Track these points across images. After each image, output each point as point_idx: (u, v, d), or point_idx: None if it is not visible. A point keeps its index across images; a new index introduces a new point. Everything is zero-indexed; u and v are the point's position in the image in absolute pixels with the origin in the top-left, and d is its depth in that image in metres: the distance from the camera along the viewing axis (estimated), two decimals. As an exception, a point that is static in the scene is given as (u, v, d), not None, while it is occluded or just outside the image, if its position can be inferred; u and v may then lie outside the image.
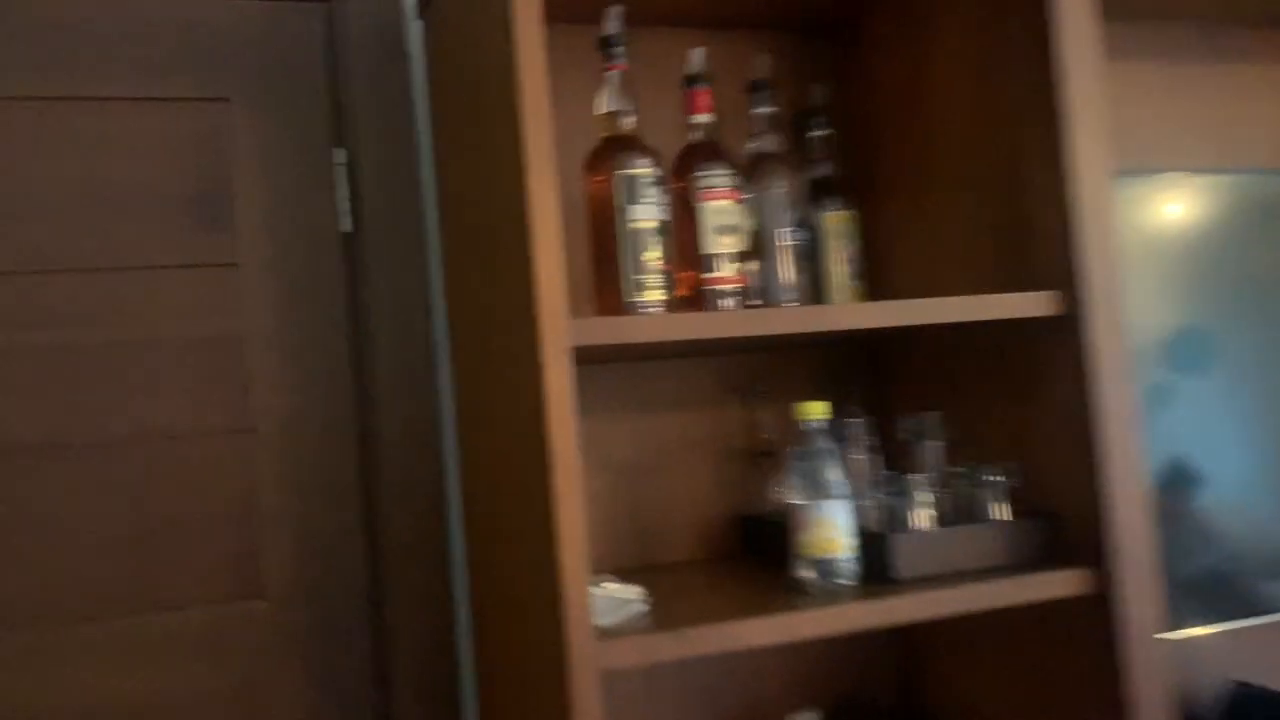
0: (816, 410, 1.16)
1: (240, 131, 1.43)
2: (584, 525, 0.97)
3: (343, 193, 1.45)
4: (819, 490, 1.14)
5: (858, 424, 1.31)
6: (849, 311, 1.13)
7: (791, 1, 1.47)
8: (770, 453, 1.47)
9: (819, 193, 1.48)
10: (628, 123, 1.22)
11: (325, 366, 1.44)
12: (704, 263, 1.28)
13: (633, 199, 1.18)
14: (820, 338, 1.31)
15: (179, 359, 1.39)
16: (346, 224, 1.45)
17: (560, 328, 0.97)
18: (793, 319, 1.11)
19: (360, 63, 1.45)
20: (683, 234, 1.30)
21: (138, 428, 1.37)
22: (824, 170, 1.50)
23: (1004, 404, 1.28)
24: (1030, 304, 1.17)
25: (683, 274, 1.29)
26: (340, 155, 1.45)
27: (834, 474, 1.14)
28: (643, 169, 1.19)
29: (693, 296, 1.29)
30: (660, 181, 1.21)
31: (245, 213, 1.42)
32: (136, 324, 1.38)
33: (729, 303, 1.28)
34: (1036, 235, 1.20)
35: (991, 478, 1.24)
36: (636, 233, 1.18)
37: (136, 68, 1.40)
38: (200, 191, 1.41)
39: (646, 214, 1.19)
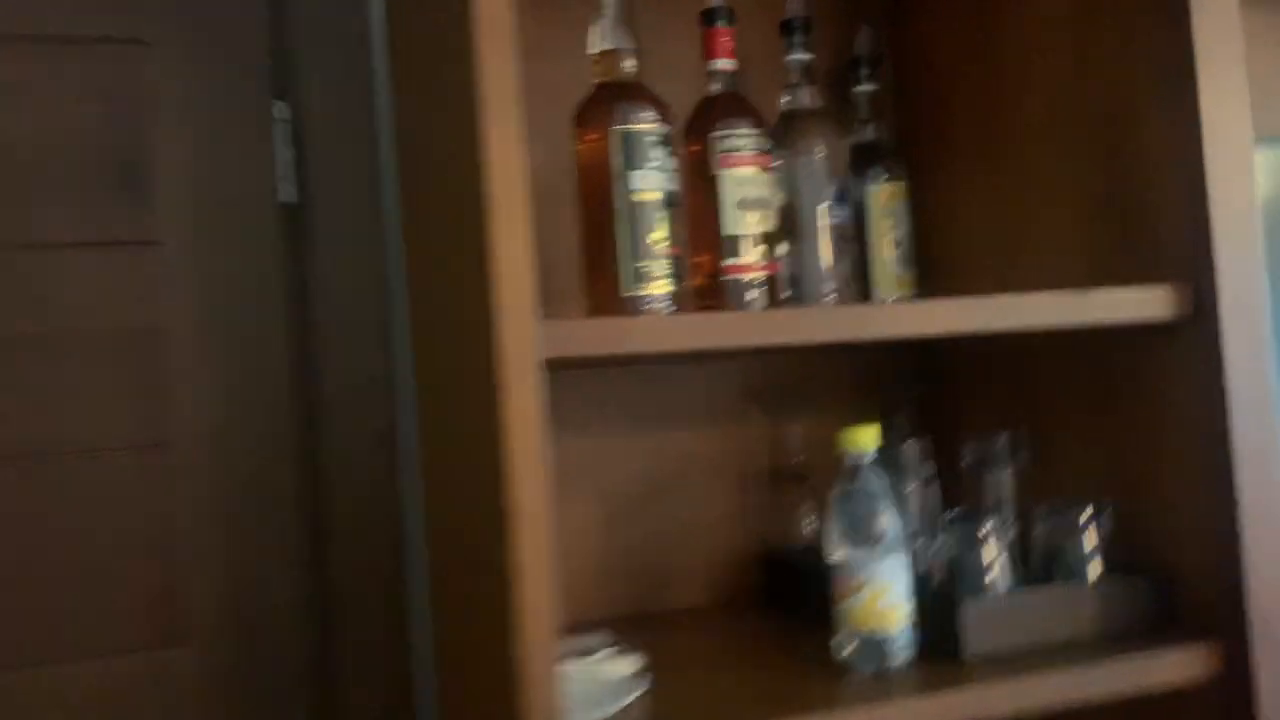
0: (865, 439, 0.90)
1: (161, 81, 1.17)
2: (553, 595, 0.72)
3: (284, 156, 1.19)
4: (868, 543, 0.88)
5: (912, 447, 1.05)
6: (903, 314, 0.87)
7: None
8: (801, 477, 1.21)
9: (865, 160, 1.21)
10: (628, 65, 0.96)
11: (262, 368, 1.19)
12: (724, 246, 1.02)
13: (633, 162, 0.92)
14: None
15: (85, 357, 1.14)
16: (289, 194, 1.19)
17: (525, 334, 0.71)
18: (832, 323, 0.85)
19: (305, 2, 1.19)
20: (698, 209, 1.04)
21: (35, 442, 1.12)
22: (872, 133, 1.24)
23: (1101, 425, 1.02)
24: (1143, 303, 0.90)
25: (698, 259, 1.03)
26: (282, 110, 1.19)
27: (886, 522, 0.88)
28: (647, 124, 0.93)
29: (709, 288, 1.03)
30: (669, 142, 0.95)
31: (167, 180, 1.17)
32: (33, 315, 1.13)
33: (754, 296, 1.02)
34: (1151, 212, 0.94)
35: (1085, 521, 0.97)
36: (638, 207, 0.92)
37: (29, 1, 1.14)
38: (112, 154, 1.16)
39: (651, 182, 0.93)
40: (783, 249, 1.08)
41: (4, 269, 1.12)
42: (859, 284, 1.21)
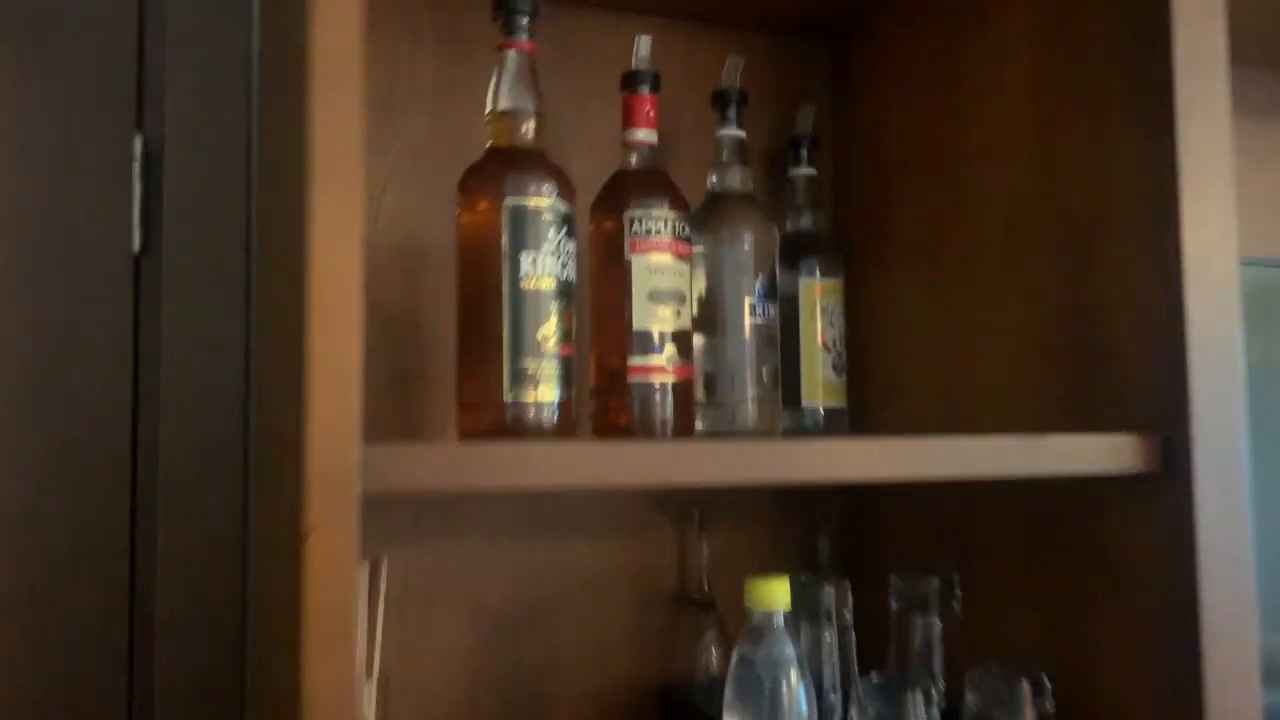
0: (775, 596, 0.76)
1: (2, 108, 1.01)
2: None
3: (136, 197, 1.03)
4: (769, 717, 0.73)
5: (831, 591, 0.91)
6: (821, 457, 0.71)
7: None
8: (709, 604, 1.06)
9: (799, 251, 1.09)
10: (527, 130, 0.82)
11: (95, 447, 1.01)
12: (631, 342, 0.88)
13: (524, 243, 0.78)
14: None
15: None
16: (136, 242, 1.03)
17: (341, 462, 0.55)
18: (746, 461, 0.70)
19: (179, 15, 1.04)
20: (604, 297, 0.90)
21: None
22: (808, 222, 1.11)
23: (1048, 580, 0.89)
24: (1105, 453, 0.77)
25: (601, 353, 0.90)
26: (137, 145, 1.03)
27: (793, 696, 0.74)
28: (545, 199, 0.79)
29: (611, 389, 0.89)
30: (569, 222, 0.81)
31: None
32: None
33: (659, 403, 0.88)
34: (1118, 347, 0.81)
35: (1024, 694, 0.84)
36: (527, 295, 0.78)
37: None
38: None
39: (544, 268, 0.78)
40: (700, 346, 0.95)
41: None
42: (786, 388, 1.07)
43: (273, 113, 0.87)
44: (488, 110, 0.82)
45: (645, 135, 0.92)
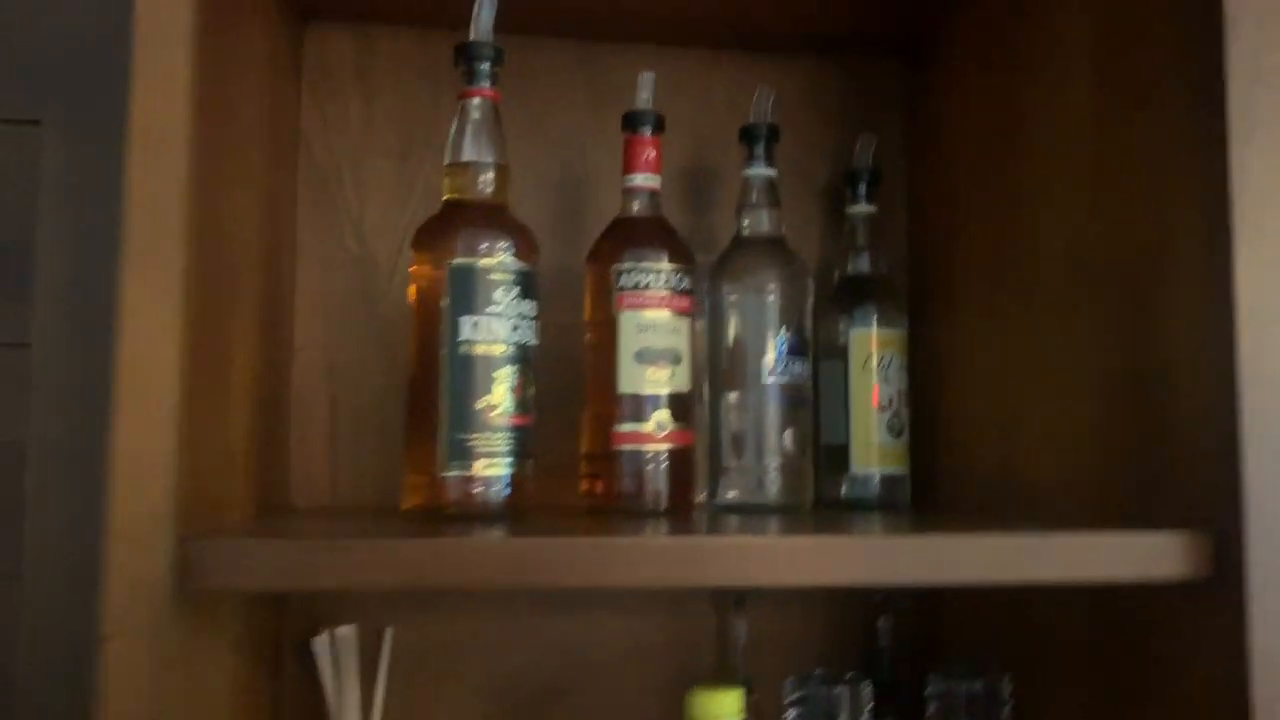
0: (716, 710, 0.65)
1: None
2: None
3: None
4: None
5: (840, 693, 0.80)
6: (826, 558, 0.61)
7: (829, 8, 0.96)
8: (747, 690, 0.96)
9: (854, 297, 0.98)
10: (485, 181, 0.76)
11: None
12: (619, 406, 0.80)
13: (466, 306, 0.72)
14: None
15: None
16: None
17: (147, 561, 0.50)
18: (656, 560, 0.60)
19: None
20: (595, 358, 0.83)
21: None
22: (866, 264, 1.00)
23: (1100, 678, 0.74)
24: (1144, 556, 0.63)
25: (594, 417, 0.82)
26: None
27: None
28: (494, 257, 0.73)
29: (599, 459, 0.82)
30: (527, 281, 0.74)
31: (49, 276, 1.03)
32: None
33: (649, 474, 0.80)
34: (1173, 417, 0.66)
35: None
36: (466, 361, 0.72)
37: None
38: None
39: (488, 332, 0.72)
40: (727, 402, 0.87)
41: None
42: (837, 453, 0.96)
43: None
44: (445, 162, 0.76)
45: (645, 180, 0.85)
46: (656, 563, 0.59)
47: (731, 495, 0.87)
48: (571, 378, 0.84)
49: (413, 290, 0.74)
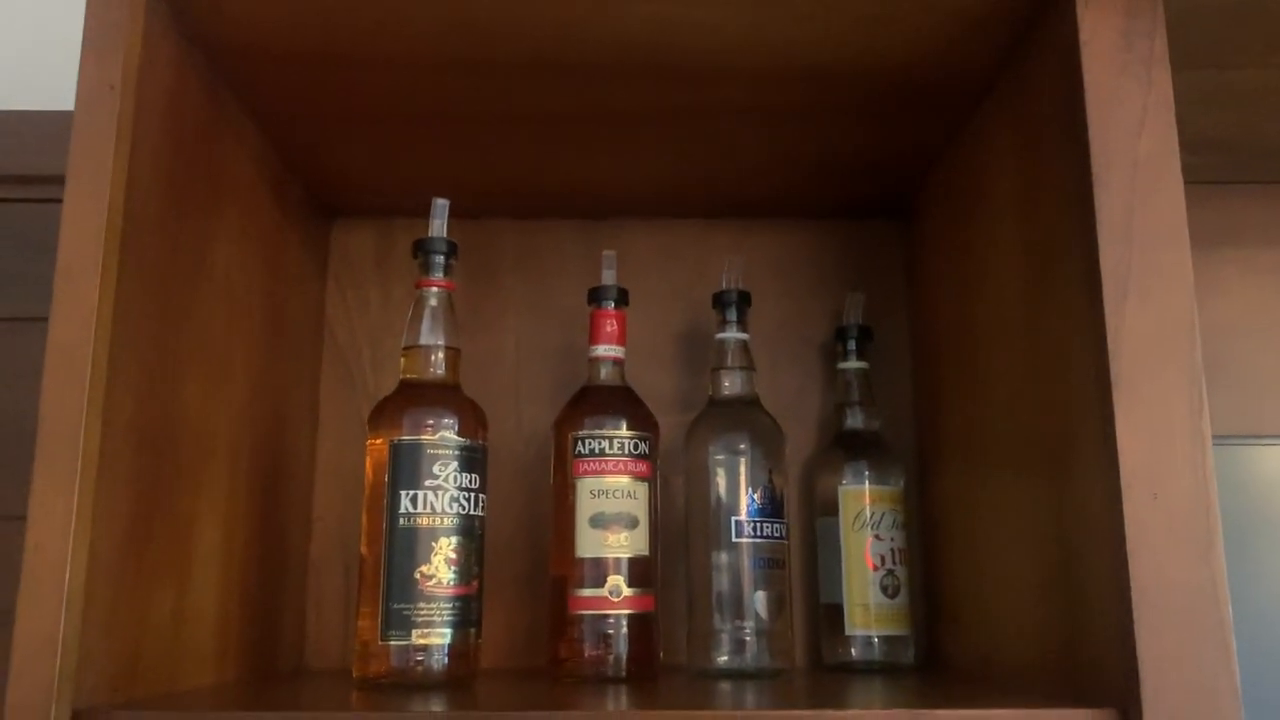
0: None
1: None
2: None
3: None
4: None
5: None
6: None
7: (819, 177, 1.00)
8: None
9: (845, 454, 0.98)
10: (435, 362, 0.82)
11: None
12: (577, 572, 0.83)
13: (405, 479, 0.77)
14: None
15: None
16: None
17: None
18: None
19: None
20: (559, 524, 0.86)
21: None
22: (858, 420, 1.00)
23: None
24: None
25: (557, 582, 0.85)
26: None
27: None
28: (436, 434, 0.78)
29: (562, 624, 0.84)
30: (472, 455, 0.79)
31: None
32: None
33: (610, 639, 0.82)
34: (1087, 585, 0.64)
35: None
36: (403, 534, 0.76)
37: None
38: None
39: (428, 504, 0.77)
40: (700, 563, 0.88)
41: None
42: (833, 611, 0.95)
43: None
44: (403, 345, 0.83)
45: (607, 350, 0.89)
46: None
47: (711, 659, 0.87)
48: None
49: (368, 465, 0.80)
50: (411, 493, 0.76)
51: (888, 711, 0.59)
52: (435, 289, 0.82)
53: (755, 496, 0.88)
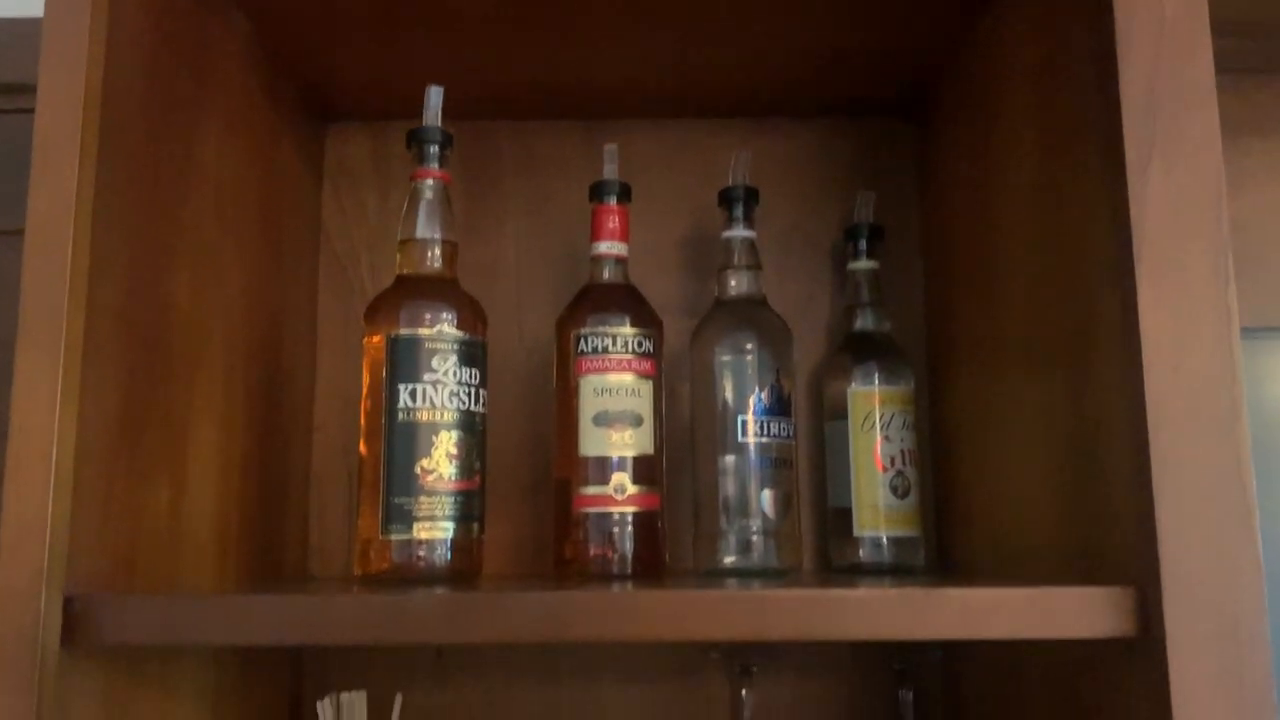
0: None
1: None
2: None
3: None
4: None
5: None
6: (753, 612, 0.60)
7: (828, 74, 0.97)
8: (755, 762, 0.93)
9: (856, 355, 0.95)
10: (432, 256, 0.80)
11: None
12: (581, 470, 0.82)
13: (404, 374, 0.75)
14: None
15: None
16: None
17: (23, 615, 0.55)
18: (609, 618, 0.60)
19: None
20: (561, 424, 0.85)
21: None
22: (868, 321, 0.97)
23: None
24: (1077, 615, 0.59)
25: (562, 482, 0.84)
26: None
27: None
28: (434, 327, 0.76)
29: (566, 524, 0.83)
30: (471, 350, 0.77)
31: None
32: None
33: (615, 537, 0.80)
34: (1107, 470, 0.62)
35: None
36: (403, 429, 0.75)
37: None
38: None
39: (426, 399, 0.75)
40: (706, 465, 0.86)
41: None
42: (841, 515, 0.94)
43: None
44: (398, 239, 0.81)
45: (609, 248, 0.87)
46: (583, 618, 0.58)
47: (717, 559, 0.85)
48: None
49: (365, 365, 0.78)
50: (410, 387, 0.74)
51: (899, 589, 0.58)
52: (430, 180, 0.80)
53: (762, 396, 0.86)
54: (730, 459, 0.86)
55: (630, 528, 0.81)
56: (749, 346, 0.87)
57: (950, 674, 0.95)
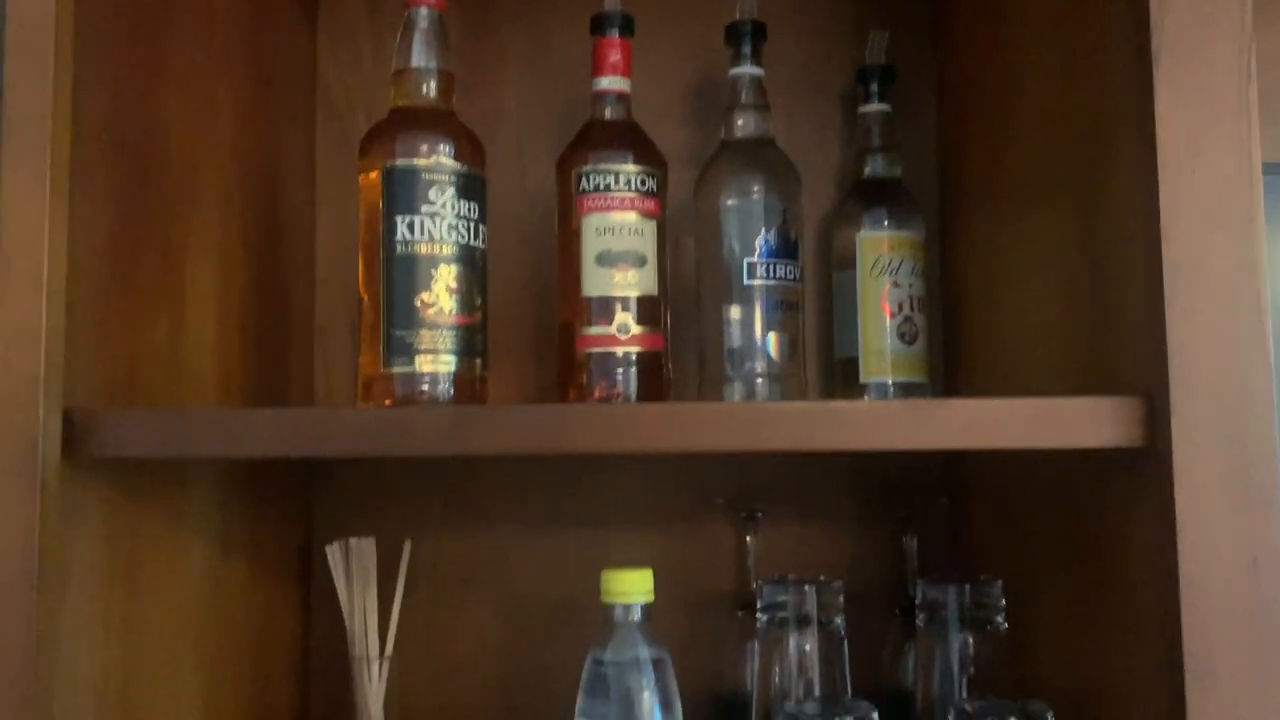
0: (632, 587, 0.65)
1: None
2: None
3: None
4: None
5: (808, 591, 0.77)
6: (747, 422, 0.59)
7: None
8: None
9: (867, 200, 0.94)
10: (428, 87, 0.78)
11: None
12: (584, 310, 0.81)
13: (401, 206, 0.74)
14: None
15: None
16: None
17: (23, 425, 0.54)
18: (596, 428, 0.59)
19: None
20: (563, 263, 0.84)
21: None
22: (879, 166, 0.95)
23: (1064, 576, 0.69)
24: (1085, 425, 0.58)
25: (564, 322, 0.83)
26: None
27: (646, 700, 0.63)
28: (429, 158, 0.74)
29: (568, 363, 0.82)
30: (469, 182, 0.76)
31: None
32: None
33: (618, 376, 0.80)
34: (1122, 291, 0.61)
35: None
36: (401, 261, 0.73)
37: None
38: None
39: (425, 232, 0.74)
40: (712, 308, 0.85)
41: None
42: (848, 364, 0.93)
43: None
44: (392, 69, 0.78)
45: (611, 84, 0.84)
46: (583, 430, 0.58)
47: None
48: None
49: (361, 204, 0.76)
50: (408, 219, 0.73)
51: (903, 402, 0.57)
52: (425, 9, 0.77)
53: (769, 237, 0.85)
54: (736, 304, 0.85)
55: (634, 367, 0.80)
56: (756, 187, 0.86)
57: (954, 519, 0.96)
